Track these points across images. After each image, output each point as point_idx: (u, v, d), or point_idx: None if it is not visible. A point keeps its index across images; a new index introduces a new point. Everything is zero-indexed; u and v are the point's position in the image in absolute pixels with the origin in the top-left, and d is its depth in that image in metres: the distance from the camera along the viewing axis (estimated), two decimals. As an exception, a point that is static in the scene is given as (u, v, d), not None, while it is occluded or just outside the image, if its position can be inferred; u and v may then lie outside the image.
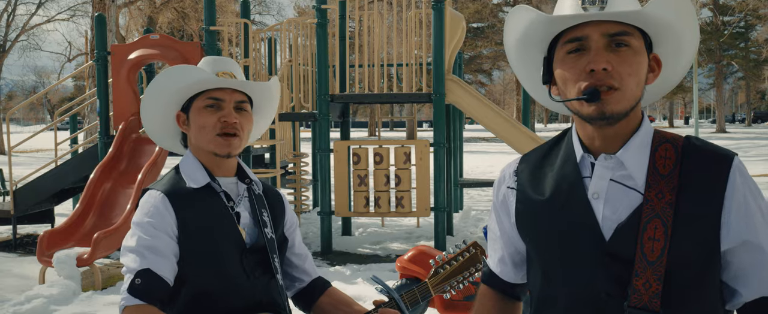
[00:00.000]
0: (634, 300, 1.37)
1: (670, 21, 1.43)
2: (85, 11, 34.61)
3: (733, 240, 1.40)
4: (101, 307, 6.14)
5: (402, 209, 8.16)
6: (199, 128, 2.01)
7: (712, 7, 44.67)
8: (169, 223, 1.94)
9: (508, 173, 1.66)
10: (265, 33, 10.86)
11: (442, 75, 8.21)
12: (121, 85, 9.25)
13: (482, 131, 50.12)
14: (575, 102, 1.42)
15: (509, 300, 1.76)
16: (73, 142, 12.67)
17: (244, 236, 2.04)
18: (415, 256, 5.21)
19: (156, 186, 2.03)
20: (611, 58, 1.39)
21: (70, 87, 59.33)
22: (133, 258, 1.89)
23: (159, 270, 1.88)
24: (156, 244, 1.90)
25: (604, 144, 1.46)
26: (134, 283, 1.85)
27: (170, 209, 1.95)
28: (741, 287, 1.43)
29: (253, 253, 2.04)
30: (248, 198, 2.10)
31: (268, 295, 2.05)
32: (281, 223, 2.19)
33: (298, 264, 2.26)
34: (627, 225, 1.40)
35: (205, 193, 2.02)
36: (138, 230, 1.93)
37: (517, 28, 1.52)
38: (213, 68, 2.03)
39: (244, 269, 2.01)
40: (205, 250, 1.97)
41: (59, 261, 6.75)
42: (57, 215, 10.63)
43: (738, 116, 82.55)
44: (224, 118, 1.99)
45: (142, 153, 9.03)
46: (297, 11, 41.37)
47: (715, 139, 37.83)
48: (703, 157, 1.44)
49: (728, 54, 48.79)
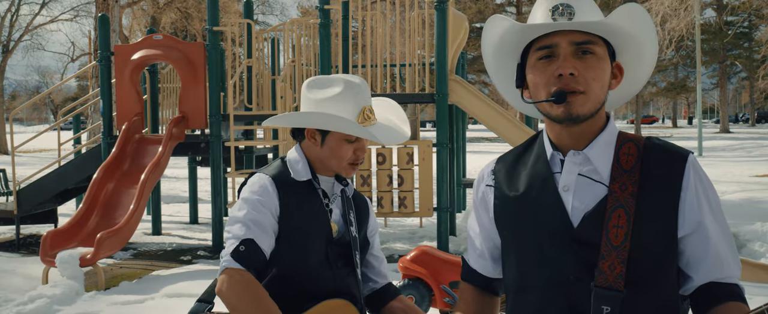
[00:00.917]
0: (600, 280, 1.51)
1: (630, 31, 1.58)
2: (89, 11, 34.66)
3: (687, 228, 1.56)
4: (104, 307, 6.15)
5: (405, 209, 8.15)
6: (337, 156, 2.26)
7: (716, 7, 44.61)
8: (273, 204, 2.17)
9: (486, 172, 1.80)
10: (268, 33, 10.87)
11: (445, 75, 8.21)
12: (124, 86, 9.26)
13: (485, 131, 50.11)
14: (545, 103, 1.57)
15: (488, 295, 1.87)
16: (77, 142, 12.70)
17: (333, 230, 2.27)
18: (417, 257, 5.21)
19: (265, 170, 2.28)
20: (577, 64, 1.54)
21: (73, 87, 59.44)
22: (240, 226, 2.11)
23: (261, 243, 2.10)
24: (261, 219, 2.13)
25: (571, 142, 1.62)
26: (238, 249, 2.07)
27: (276, 192, 2.19)
28: (693, 272, 1.59)
29: (338, 246, 2.26)
30: (341, 198, 2.34)
31: (346, 286, 2.26)
32: (365, 226, 2.42)
33: (375, 265, 2.47)
34: (593, 214, 1.55)
35: (306, 187, 2.26)
36: (246, 205, 2.15)
37: (493, 36, 1.66)
38: (357, 103, 2.26)
39: (328, 259, 2.23)
40: (297, 236, 2.19)
41: (62, 262, 6.77)
42: (60, 215, 10.66)
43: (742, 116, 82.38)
44: (359, 152, 2.28)
45: (145, 153, 9.04)
46: (300, 11, 41.38)
47: (719, 139, 37.78)
48: (662, 155, 1.60)
49: (732, 54, 48.70)
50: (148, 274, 7.46)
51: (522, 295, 1.66)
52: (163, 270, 7.62)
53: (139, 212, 7.86)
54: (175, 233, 10.37)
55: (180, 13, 27.19)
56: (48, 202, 10.01)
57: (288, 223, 2.18)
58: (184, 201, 13.71)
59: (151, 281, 7.11)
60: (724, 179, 16.55)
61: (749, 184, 15.22)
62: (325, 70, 8.42)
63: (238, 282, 2.04)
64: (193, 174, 11.78)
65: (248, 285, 2.04)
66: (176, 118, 9.09)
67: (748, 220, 8.88)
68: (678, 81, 56.40)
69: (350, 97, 2.26)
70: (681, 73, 56.96)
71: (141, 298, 6.40)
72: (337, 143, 2.25)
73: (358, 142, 2.27)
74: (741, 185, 15.08)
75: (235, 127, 8.55)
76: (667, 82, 57.18)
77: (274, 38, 11.25)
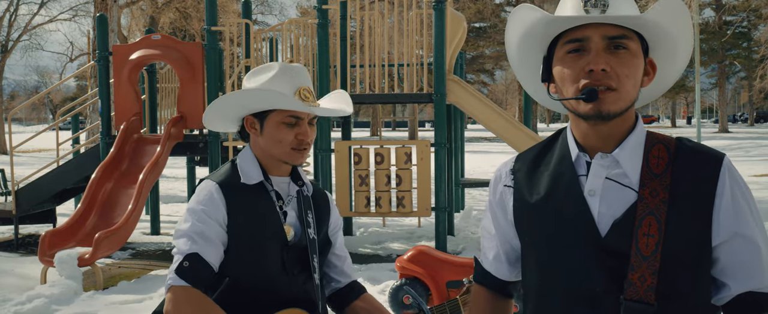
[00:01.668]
0: (630, 293, 1.41)
1: (667, 27, 1.47)
2: (87, 11, 34.63)
3: (723, 236, 1.45)
4: (102, 307, 6.16)
5: (403, 209, 8.16)
6: (276, 141, 2.11)
7: (715, 6, 44.61)
8: (220, 212, 2.05)
9: (505, 172, 1.70)
10: (267, 33, 10.87)
11: (443, 75, 8.22)
12: (122, 85, 9.26)
13: (484, 131, 50.11)
14: (573, 101, 1.47)
15: (502, 298, 1.80)
16: (75, 142, 12.70)
17: (288, 234, 2.14)
18: (414, 256, 5.22)
19: (213, 177, 2.15)
20: (610, 59, 1.44)
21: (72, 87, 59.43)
22: (184, 241, 2.01)
23: (206, 256, 1.99)
24: (206, 231, 2.02)
25: (598, 143, 1.51)
26: (182, 265, 1.97)
27: (223, 199, 2.07)
28: (730, 281, 1.48)
29: (294, 251, 2.14)
30: (297, 199, 2.21)
31: (304, 292, 2.15)
32: (325, 225, 2.29)
33: (338, 265, 2.35)
34: (622, 221, 1.45)
35: (257, 190, 2.13)
36: (191, 216, 2.05)
37: (519, 27, 1.55)
38: (293, 84, 2.12)
39: (284, 265, 2.11)
40: (249, 243, 2.08)
41: (61, 261, 6.77)
42: (59, 215, 10.66)
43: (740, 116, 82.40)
44: (301, 135, 2.11)
45: (143, 153, 9.04)
46: (300, 11, 41.39)
47: (718, 138, 37.79)
48: (695, 158, 1.49)
49: (731, 54, 48.71)
50: (146, 274, 7.47)
51: (544, 303, 1.58)
52: (161, 270, 7.62)
53: (138, 212, 7.86)
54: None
55: (179, 13, 27.18)
56: (46, 202, 10.02)
57: (238, 231, 2.06)
58: (183, 201, 13.73)
59: (149, 281, 7.12)
60: (723, 179, 16.56)
61: (748, 184, 15.22)
62: (323, 69, 8.42)
63: (185, 301, 1.94)
64: (192, 174, 11.78)
65: (195, 303, 1.94)
66: (175, 117, 9.10)
67: (745, 220, 8.88)
68: (677, 81, 56.41)
69: (286, 78, 2.12)
70: (680, 72, 56.93)
71: (139, 298, 6.41)
72: (275, 127, 2.11)
73: (298, 126, 2.11)
74: (739, 185, 15.09)
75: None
76: (666, 82, 57.14)
77: (272, 38, 11.25)
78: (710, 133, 44.40)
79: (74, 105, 12.67)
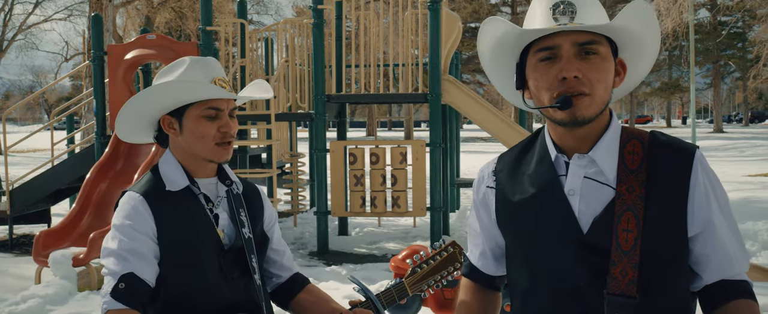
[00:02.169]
0: (613, 287, 1.46)
1: (634, 30, 1.53)
2: (83, 11, 34.60)
3: (697, 228, 1.52)
4: (97, 307, 6.14)
5: (398, 209, 8.17)
6: (198, 137, 2.00)
7: (710, 7, 44.70)
8: (148, 225, 1.94)
9: (487, 173, 1.75)
10: (262, 33, 10.86)
11: (438, 75, 8.23)
12: (117, 85, 9.24)
13: (479, 131, 50.11)
14: (549, 108, 1.51)
15: (490, 292, 1.86)
16: (70, 142, 12.67)
17: (222, 238, 2.04)
18: (408, 256, 5.21)
19: (134, 188, 2.03)
20: (581, 65, 1.48)
21: (67, 87, 59.26)
22: (114, 261, 1.89)
23: (142, 274, 1.88)
24: (137, 247, 1.90)
25: (575, 144, 1.57)
26: (118, 287, 1.85)
27: (149, 211, 1.95)
28: (702, 271, 1.55)
29: (231, 254, 2.04)
30: (227, 198, 2.10)
31: (246, 296, 2.06)
32: (260, 221, 2.18)
33: (276, 259, 2.26)
34: (602, 218, 1.50)
35: (184, 196, 2.02)
36: (118, 233, 1.93)
37: (491, 38, 1.59)
38: (207, 74, 2.02)
39: (222, 270, 2.01)
40: (183, 252, 1.97)
41: (55, 261, 6.76)
42: (53, 215, 10.63)
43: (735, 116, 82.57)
44: (224, 128, 2.01)
45: (138, 153, 9.04)
46: (295, 11, 41.36)
47: (712, 138, 37.85)
48: (669, 152, 1.55)
49: (725, 54, 48.80)
50: (141, 274, 7.45)
51: (530, 299, 1.63)
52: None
53: (133, 212, 7.84)
54: (169, 233, 10.34)
55: (174, 13, 27.15)
56: (41, 202, 10.00)
57: (169, 241, 1.95)
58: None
59: (144, 281, 7.11)
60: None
61: (742, 184, 15.28)
62: (318, 69, 8.42)
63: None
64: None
65: None
66: (170, 117, 9.08)
67: (740, 219, 8.86)
68: (672, 81, 56.48)
69: (198, 69, 2.01)
70: (675, 73, 57.06)
71: (134, 298, 6.39)
72: (195, 123, 1.99)
73: (219, 119, 2.00)
74: (734, 185, 15.12)
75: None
76: (661, 82, 57.27)
77: (267, 38, 11.24)
78: (705, 133, 44.47)
79: (69, 105, 12.65)
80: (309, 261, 7.98)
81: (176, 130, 2.03)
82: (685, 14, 20.42)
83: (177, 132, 2.03)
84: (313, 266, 7.67)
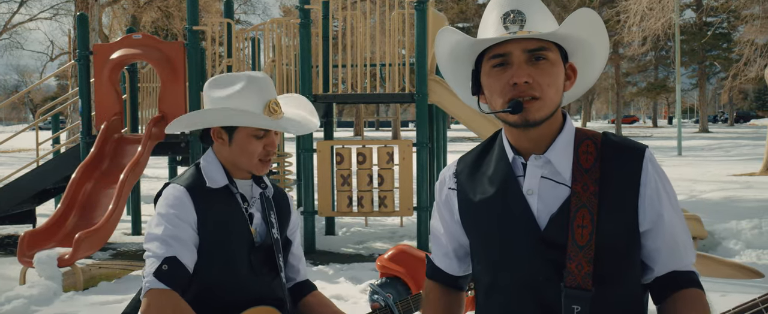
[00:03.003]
0: (569, 281, 1.54)
1: (581, 36, 1.61)
2: (68, 10, 34.37)
3: (648, 223, 1.60)
4: (83, 308, 6.12)
5: (385, 209, 8.18)
6: (246, 153, 2.17)
7: (695, 7, 44.96)
8: (191, 216, 2.09)
9: (448, 175, 1.82)
10: (249, 33, 10.84)
11: (424, 75, 8.24)
12: (103, 85, 9.20)
13: (466, 131, 50.19)
14: (501, 112, 1.59)
15: (454, 292, 1.92)
16: (55, 142, 12.61)
17: (254, 235, 2.19)
18: (395, 255, 5.23)
19: (178, 181, 2.18)
20: (531, 71, 1.56)
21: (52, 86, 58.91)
22: (158, 245, 2.03)
23: (183, 259, 2.02)
24: (180, 234, 2.05)
25: (530, 145, 1.64)
26: (161, 268, 1.99)
27: (191, 203, 2.10)
28: (653, 264, 1.64)
29: (261, 252, 2.19)
30: (260, 200, 2.26)
31: (271, 292, 2.20)
32: (286, 225, 2.34)
33: (294, 264, 2.41)
34: (558, 216, 1.58)
35: (223, 194, 2.17)
36: (163, 220, 2.07)
37: (446, 47, 1.68)
38: (262, 98, 2.16)
39: (252, 266, 2.16)
40: (218, 246, 2.12)
41: (40, 262, 6.72)
42: (38, 215, 10.57)
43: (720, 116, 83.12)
44: (269, 146, 2.18)
45: (124, 153, 9.00)
46: (282, 11, 41.28)
47: (698, 138, 38.11)
48: (620, 151, 1.63)
49: (711, 54, 49.11)
50: (127, 274, 7.43)
51: (492, 295, 1.69)
52: (142, 270, 7.57)
53: (118, 212, 7.82)
54: (155, 233, 10.30)
55: (161, 12, 27.04)
56: (26, 202, 9.93)
57: (207, 234, 2.10)
58: (165, 201, 13.63)
59: (130, 281, 7.08)
60: (703, 178, 16.72)
61: (727, 184, 15.39)
62: (305, 69, 8.42)
63: (165, 305, 1.97)
64: (173, 174, 11.73)
65: (175, 307, 1.98)
66: (156, 117, 9.05)
67: (724, 219, 8.99)
68: (658, 81, 56.81)
69: (254, 91, 2.17)
70: (661, 73, 57.41)
71: (120, 298, 6.37)
72: (245, 139, 2.16)
73: (266, 138, 2.18)
74: (719, 184, 15.24)
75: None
76: (647, 82, 57.61)
77: (254, 38, 11.23)
78: (691, 133, 44.77)
79: (54, 104, 12.58)
80: (296, 261, 7.96)
81: (225, 141, 2.20)
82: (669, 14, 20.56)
83: (226, 142, 2.20)
84: (300, 266, 7.66)
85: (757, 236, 7.77)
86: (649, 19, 20.39)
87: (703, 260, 6.36)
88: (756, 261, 7.15)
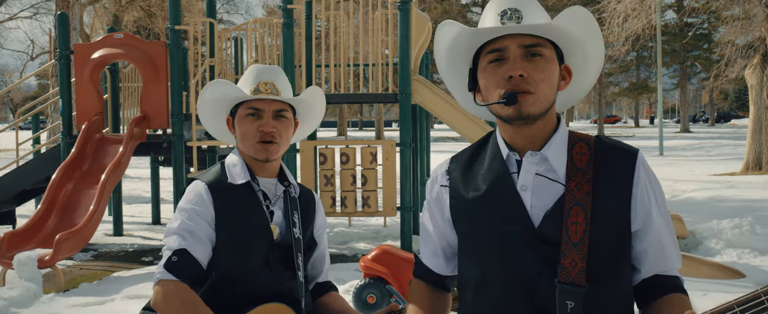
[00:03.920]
0: (563, 276, 1.57)
1: (575, 34, 1.65)
2: (49, 9, 34.11)
3: (638, 224, 1.64)
4: (63, 309, 6.07)
5: (368, 209, 8.17)
6: (242, 135, 2.22)
7: (676, 8, 45.29)
8: (209, 212, 2.15)
9: (440, 173, 1.84)
10: (232, 32, 10.80)
11: (408, 75, 8.24)
12: (84, 85, 9.13)
13: (450, 131, 50.29)
14: (496, 105, 1.63)
15: (440, 292, 1.93)
16: (36, 142, 12.50)
17: (274, 233, 2.22)
18: (378, 256, 5.23)
19: (202, 177, 2.24)
20: (526, 66, 1.60)
21: (33, 86, 58.45)
22: (174, 238, 2.10)
23: (195, 252, 2.09)
24: (195, 229, 2.11)
25: (524, 143, 1.67)
26: (171, 260, 2.07)
27: (211, 199, 2.16)
28: (640, 265, 1.68)
29: (280, 249, 2.21)
30: (284, 199, 2.29)
31: (287, 289, 2.21)
32: (310, 226, 2.36)
33: (317, 264, 2.43)
34: (553, 212, 1.61)
35: (245, 190, 2.21)
36: (182, 215, 2.14)
37: (445, 41, 1.72)
38: (255, 78, 2.22)
39: (269, 262, 2.19)
40: (235, 241, 2.16)
41: (20, 263, 6.66)
42: (18, 216, 10.48)
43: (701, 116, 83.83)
44: (262, 127, 2.18)
45: (105, 153, 8.93)
46: (266, 10, 41.19)
47: (679, 138, 38.40)
48: (614, 153, 1.68)
49: (692, 55, 49.49)
50: (108, 275, 7.37)
51: (482, 291, 1.70)
52: (124, 271, 7.53)
53: (99, 213, 7.76)
54: (137, 234, 10.26)
55: (143, 12, 26.87)
56: (6, 203, 9.83)
57: (227, 229, 2.15)
58: (147, 201, 13.57)
59: (111, 282, 7.03)
60: (684, 178, 16.85)
61: (708, 183, 15.51)
62: (288, 69, 8.39)
63: (174, 294, 2.04)
64: (156, 175, 11.66)
65: (183, 297, 2.04)
66: (137, 117, 9.00)
67: (705, 218, 9.06)
68: (640, 81, 57.22)
69: (251, 74, 2.25)
70: (643, 73, 57.81)
71: (101, 300, 6.32)
72: (240, 121, 2.22)
73: (261, 119, 2.20)
74: (700, 184, 15.36)
75: (197, 126, 8.48)
76: (629, 82, 58.00)
77: (237, 37, 11.18)
78: (672, 133, 45.09)
79: (35, 104, 12.46)
80: (279, 262, 7.94)
81: (233, 129, 2.27)
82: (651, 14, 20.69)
83: (234, 130, 2.27)
84: (283, 266, 7.64)
85: (738, 235, 7.84)
86: (631, 20, 20.51)
87: (685, 260, 6.40)
88: (737, 260, 7.21)
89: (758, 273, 6.54)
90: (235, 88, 2.21)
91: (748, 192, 13.44)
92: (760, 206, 11.25)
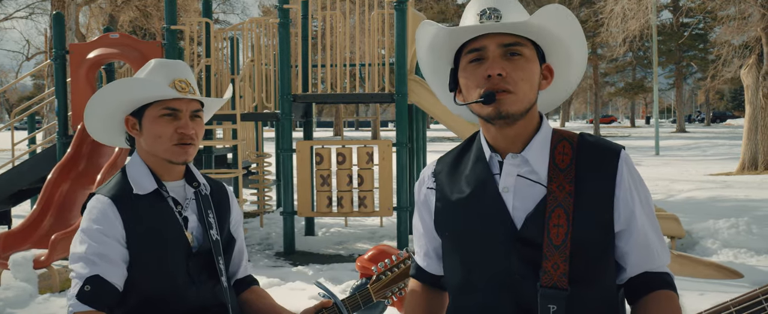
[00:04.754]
0: (545, 280, 1.55)
1: (554, 32, 1.63)
2: (44, 9, 34.02)
3: (622, 223, 1.63)
4: (59, 310, 6.05)
5: (365, 209, 8.16)
6: (155, 137, 2.01)
7: (672, 9, 45.35)
8: (117, 229, 1.95)
9: (427, 175, 1.84)
10: (228, 32, 10.79)
11: (404, 75, 8.24)
12: (79, 85, 9.10)
13: (446, 131, 50.29)
14: (476, 105, 1.61)
15: (437, 292, 1.92)
16: (31, 142, 12.46)
17: (190, 241, 2.05)
18: (374, 256, 5.21)
19: (102, 190, 2.03)
20: (506, 65, 1.59)
21: (28, 86, 58.33)
22: (82, 265, 1.91)
23: (108, 277, 1.90)
24: (105, 251, 1.92)
25: (507, 144, 1.66)
26: (83, 290, 1.88)
27: (117, 215, 1.96)
28: (626, 264, 1.66)
29: (199, 257, 2.05)
30: (195, 200, 2.11)
31: (213, 299, 2.07)
32: (227, 222, 2.19)
33: (236, 261, 2.28)
34: (534, 215, 1.60)
35: (153, 199, 2.03)
36: (86, 237, 1.94)
37: (425, 41, 1.71)
38: (167, 75, 2.03)
39: (190, 274, 2.02)
40: (152, 256, 1.99)
41: (15, 264, 6.64)
42: (14, 216, 10.45)
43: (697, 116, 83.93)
44: (182, 129, 2.01)
45: (101, 153, 8.91)
46: (262, 10, 41.15)
47: (675, 138, 38.46)
48: (596, 152, 1.66)
49: (688, 55, 49.57)
50: (104, 276, 7.35)
51: (466, 294, 1.70)
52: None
53: (95, 213, 7.73)
54: (133, 234, 10.22)
55: (138, 11, 26.82)
56: (1, 203, 9.81)
57: (138, 245, 1.97)
58: (143, 201, 13.52)
59: (107, 283, 7.01)
60: (680, 178, 16.86)
61: (704, 183, 15.52)
62: (284, 69, 8.38)
63: None
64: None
65: None
66: (133, 117, 8.97)
67: (701, 218, 9.06)
68: (636, 81, 57.31)
69: (160, 71, 2.03)
70: (639, 73, 57.91)
71: (96, 300, 6.30)
72: (152, 122, 2.00)
73: (178, 119, 2.01)
74: (696, 184, 15.37)
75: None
76: (625, 83, 58.11)
77: (233, 37, 11.17)
78: (668, 133, 45.17)
79: (30, 104, 12.43)
80: (275, 262, 7.93)
81: (138, 131, 2.05)
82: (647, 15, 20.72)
83: (139, 132, 2.05)
84: (280, 267, 7.63)
85: (734, 235, 7.85)
86: (628, 20, 20.54)
87: (682, 260, 6.41)
88: (733, 260, 7.22)
89: (755, 273, 6.54)
90: (153, 86, 1.99)
91: (744, 191, 13.46)
92: (756, 206, 11.26)
